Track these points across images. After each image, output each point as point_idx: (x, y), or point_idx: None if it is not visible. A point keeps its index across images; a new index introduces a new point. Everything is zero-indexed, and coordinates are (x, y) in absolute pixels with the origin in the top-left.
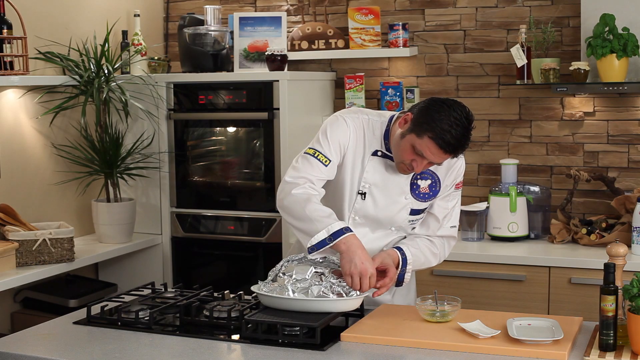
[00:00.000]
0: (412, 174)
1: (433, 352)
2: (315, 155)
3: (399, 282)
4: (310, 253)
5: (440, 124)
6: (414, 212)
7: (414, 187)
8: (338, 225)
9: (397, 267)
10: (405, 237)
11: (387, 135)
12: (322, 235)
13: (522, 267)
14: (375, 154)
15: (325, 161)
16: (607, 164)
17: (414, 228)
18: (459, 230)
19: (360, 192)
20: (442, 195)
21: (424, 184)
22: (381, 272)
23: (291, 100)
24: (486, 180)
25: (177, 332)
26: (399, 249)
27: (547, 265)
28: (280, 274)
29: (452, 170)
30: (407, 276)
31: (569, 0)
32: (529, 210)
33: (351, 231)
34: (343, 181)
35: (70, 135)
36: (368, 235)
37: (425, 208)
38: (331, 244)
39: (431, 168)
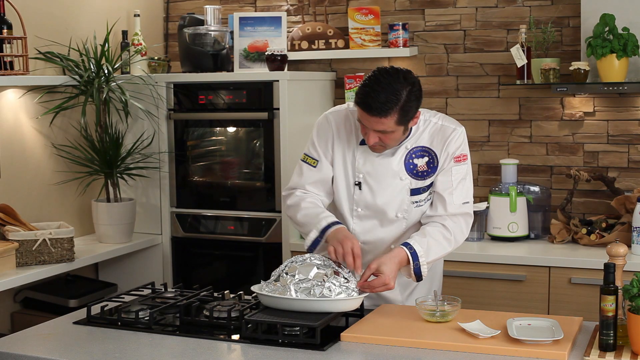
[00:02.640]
0: (405, 154)
1: (433, 352)
2: (305, 160)
3: (418, 276)
4: (310, 253)
5: (361, 87)
6: (414, 192)
7: (410, 167)
8: (325, 222)
9: (407, 263)
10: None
11: None
12: (313, 234)
13: (522, 267)
14: (363, 142)
15: (314, 163)
16: (607, 164)
17: (423, 212)
18: None
19: (355, 182)
20: (441, 169)
21: (421, 162)
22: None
23: (291, 100)
24: (486, 180)
25: (177, 332)
26: (406, 244)
27: (547, 265)
28: (284, 274)
29: (447, 142)
30: (424, 269)
31: (569, 0)
32: (529, 210)
33: (339, 224)
34: (340, 176)
35: (70, 135)
36: (377, 230)
37: (428, 186)
38: (322, 240)
39: (426, 143)
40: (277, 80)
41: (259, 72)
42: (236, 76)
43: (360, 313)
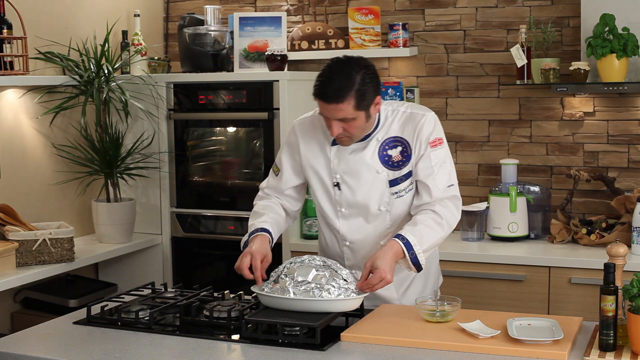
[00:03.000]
0: (378, 147)
1: (433, 352)
2: (272, 168)
3: (417, 266)
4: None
5: (316, 79)
6: (392, 183)
7: (385, 159)
8: (252, 228)
9: (403, 255)
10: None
11: None
12: (245, 237)
13: (522, 267)
14: (334, 143)
15: (276, 171)
16: (607, 164)
17: (406, 203)
18: (458, 229)
19: (334, 184)
20: (418, 157)
21: (394, 152)
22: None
23: (291, 100)
24: (486, 180)
25: (177, 332)
26: (398, 235)
27: (547, 265)
28: (282, 276)
29: (418, 129)
30: (422, 258)
31: (569, 0)
32: (529, 210)
33: (264, 232)
34: (315, 182)
35: (70, 135)
36: (365, 227)
37: (405, 176)
38: (246, 246)
39: (397, 133)
40: (277, 80)
41: (259, 72)
42: (236, 76)
43: (360, 313)
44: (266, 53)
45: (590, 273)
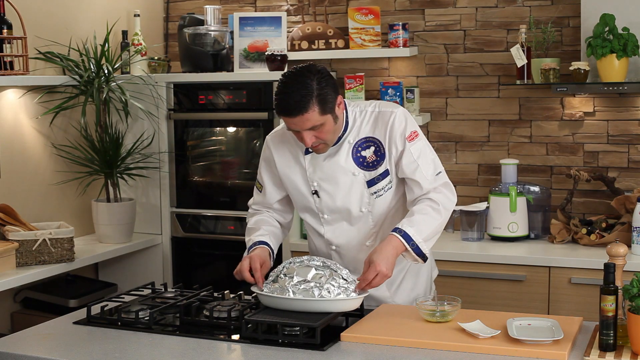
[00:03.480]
0: (351, 149)
1: (433, 352)
2: (255, 185)
3: (422, 256)
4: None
5: (274, 97)
6: (370, 183)
7: (360, 160)
8: (250, 243)
9: (405, 249)
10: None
11: None
12: (245, 254)
13: (522, 267)
14: (307, 152)
15: (259, 187)
16: (607, 164)
17: (387, 202)
18: (458, 229)
19: (312, 192)
20: (397, 154)
21: (368, 152)
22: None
23: None
24: (486, 180)
25: (177, 332)
26: (395, 229)
27: (547, 265)
28: (282, 275)
29: (389, 127)
30: (424, 247)
31: (569, 0)
32: (529, 210)
33: (262, 244)
34: (295, 192)
35: (70, 135)
36: (349, 230)
37: (382, 174)
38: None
39: (368, 134)
40: (277, 80)
41: (259, 72)
42: (236, 76)
43: (360, 313)
44: (266, 53)
45: (590, 273)
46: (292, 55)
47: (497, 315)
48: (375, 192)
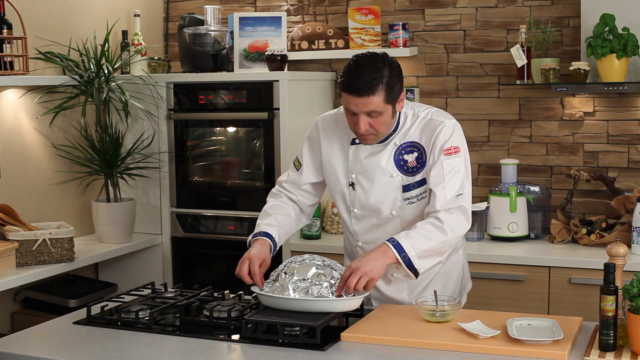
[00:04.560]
0: (394, 150)
1: (433, 352)
2: (293, 161)
3: (413, 271)
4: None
5: (343, 73)
6: (405, 188)
7: (401, 164)
8: (258, 228)
9: (397, 260)
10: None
11: None
12: (249, 237)
13: (522, 267)
14: (353, 142)
15: (297, 165)
16: (607, 164)
17: (417, 210)
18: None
19: (350, 183)
20: (432, 164)
21: (410, 157)
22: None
23: (291, 100)
24: (486, 180)
25: (177, 332)
26: (390, 239)
27: (547, 265)
28: (282, 274)
29: (434, 136)
30: (417, 262)
31: (569, 0)
32: (529, 210)
33: (262, 237)
34: (333, 180)
35: (70, 135)
36: (377, 229)
37: (419, 182)
38: (249, 246)
39: (415, 139)
40: (277, 80)
41: (259, 72)
42: (236, 76)
43: (360, 313)
44: (266, 53)
45: (590, 273)
46: (292, 55)
47: (497, 315)
48: (408, 199)
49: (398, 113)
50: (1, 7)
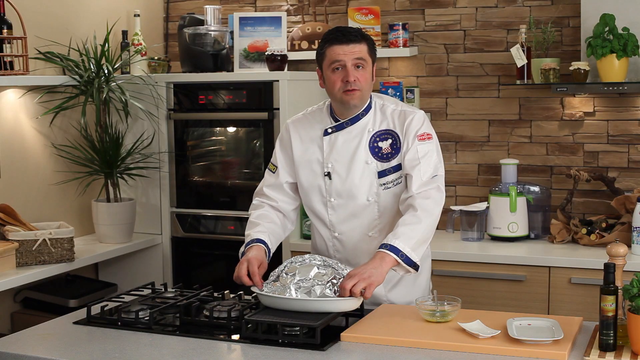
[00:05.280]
0: (369, 138)
1: (433, 352)
2: (268, 166)
3: (413, 266)
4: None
5: (327, 33)
6: (381, 174)
7: (375, 151)
8: (249, 238)
9: (396, 263)
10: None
11: (331, 109)
12: (242, 248)
13: (522, 267)
14: (326, 133)
15: (273, 168)
16: (607, 164)
17: (394, 195)
18: (458, 229)
19: (325, 173)
20: (407, 149)
21: (385, 144)
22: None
23: (291, 100)
24: (486, 180)
25: (177, 332)
26: (382, 245)
27: (547, 265)
28: (283, 274)
29: (407, 124)
30: (414, 255)
31: (569, 0)
32: (529, 210)
33: (259, 242)
34: (307, 174)
35: (70, 135)
36: (354, 218)
37: (394, 167)
38: (243, 255)
39: (389, 127)
40: (277, 80)
41: (259, 72)
42: (236, 76)
43: (360, 313)
44: (266, 53)
45: (590, 273)
46: (292, 55)
47: (497, 315)
48: (384, 184)
49: (372, 83)
50: (1, 7)
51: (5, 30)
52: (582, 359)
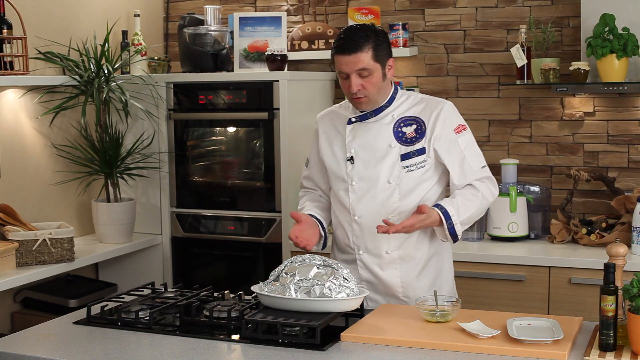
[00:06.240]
0: (393, 123)
1: (433, 352)
2: (305, 162)
3: (454, 236)
4: None
5: (334, 41)
6: (404, 157)
7: (399, 135)
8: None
9: (440, 224)
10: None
11: None
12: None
13: (522, 267)
14: (349, 122)
15: (306, 162)
16: (607, 164)
17: (415, 180)
18: None
19: (348, 158)
20: (443, 144)
21: (409, 129)
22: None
23: (291, 100)
24: None
25: (177, 332)
26: (437, 205)
27: (547, 265)
28: (283, 274)
29: (434, 112)
30: (459, 228)
31: (569, 0)
32: (529, 210)
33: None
34: (333, 158)
35: (70, 135)
36: (374, 200)
37: (418, 151)
38: None
39: (414, 114)
40: (277, 80)
41: (259, 72)
42: (236, 76)
43: (360, 313)
44: (266, 53)
45: (590, 273)
46: (292, 55)
47: (497, 315)
48: (407, 167)
49: (392, 84)
50: (1, 7)
51: (5, 30)
52: (582, 359)
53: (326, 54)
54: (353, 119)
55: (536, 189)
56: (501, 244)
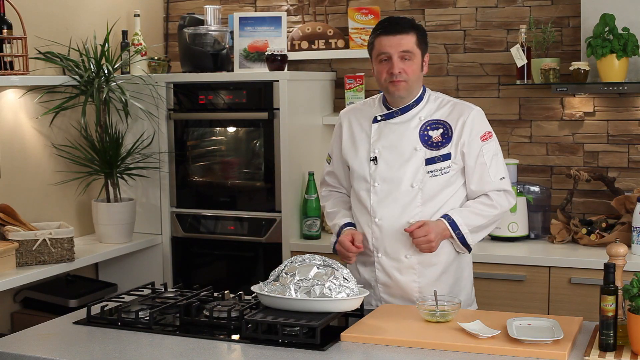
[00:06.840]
0: (420, 126)
1: (433, 352)
2: (325, 158)
3: (466, 246)
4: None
5: (378, 24)
6: (429, 161)
7: (425, 139)
8: (336, 227)
9: (450, 236)
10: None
11: (384, 98)
12: (333, 238)
13: (522, 267)
14: (375, 120)
15: (328, 159)
16: (607, 164)
17: (440, 185)
18: None
19: (371, 158)
20: (464, 144)
21: (435, 133)
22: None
23: (291, 100)
24: None
25: (177, 332)
26: (444, 215)
27: (547, 265)
28: (283, 274)
29: (462, 117)
30: (470, 238)
31: (569, 0)
32: (529, 210)
33: (348, 227)
34: (357, 157)
35: (70, 135)
36: (395, 203)
37: (443, 156)
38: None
39: (441, 117)
40: (277, 80)
41: (259, 72)
42: (236, 76)
43: (360, 313)
44: (266, 53)
45: (590, 273)
46: (292, 55)
47: (497, 315)
48: (431, 172)
49: (421, 86)
50: (1, 7)
51: (5, 30)
52: (582, 359)
53: (326, 54)
54: (379, 117)
55: (536, 189)
56: (501, 244)
